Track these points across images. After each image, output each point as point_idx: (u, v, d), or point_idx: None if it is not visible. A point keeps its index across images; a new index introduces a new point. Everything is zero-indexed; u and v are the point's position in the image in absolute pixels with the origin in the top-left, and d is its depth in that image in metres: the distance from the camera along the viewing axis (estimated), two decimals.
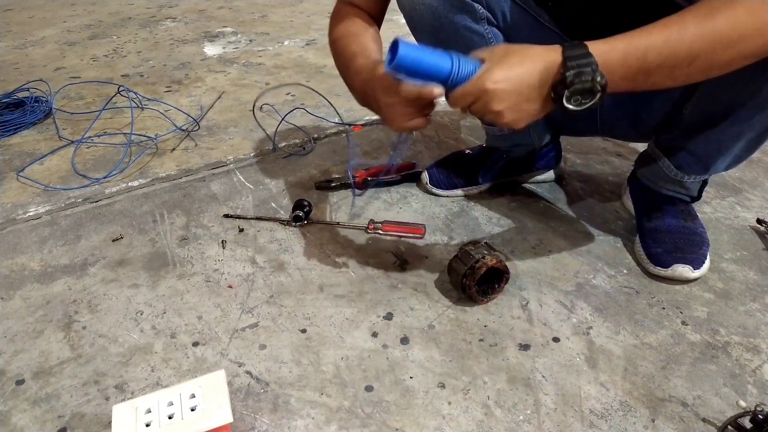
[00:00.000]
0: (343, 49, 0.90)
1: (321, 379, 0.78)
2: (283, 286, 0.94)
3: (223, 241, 1.05)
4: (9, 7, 2.77)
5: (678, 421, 0.72)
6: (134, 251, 1.03)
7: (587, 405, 0.74)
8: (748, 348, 0.82)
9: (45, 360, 0.81)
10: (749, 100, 0.80)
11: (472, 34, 0.92)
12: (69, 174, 1.27)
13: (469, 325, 0.86)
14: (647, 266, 0.96)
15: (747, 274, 0.96)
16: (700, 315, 0.88)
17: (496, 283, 0.89)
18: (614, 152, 1.34)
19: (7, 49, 2.14)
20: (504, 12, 0.93)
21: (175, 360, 0.81)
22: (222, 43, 2.16)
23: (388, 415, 0.73)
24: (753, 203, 1.15)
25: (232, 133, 1.44)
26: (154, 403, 0.64)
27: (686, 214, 1.00)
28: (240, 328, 0.86)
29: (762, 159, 1.30)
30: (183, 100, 1.64)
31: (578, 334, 0.85)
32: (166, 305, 0.91)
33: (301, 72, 1.85)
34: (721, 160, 0.91)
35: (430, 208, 1.14)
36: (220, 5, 2.73)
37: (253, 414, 0.73)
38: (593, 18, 0.91)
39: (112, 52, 2.08)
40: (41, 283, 0.96)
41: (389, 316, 0.88)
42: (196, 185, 1.23)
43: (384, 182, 1.20)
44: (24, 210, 1.15)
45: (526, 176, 1.21)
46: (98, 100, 1.64)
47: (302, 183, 1.23)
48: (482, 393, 0.76)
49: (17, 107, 1.55)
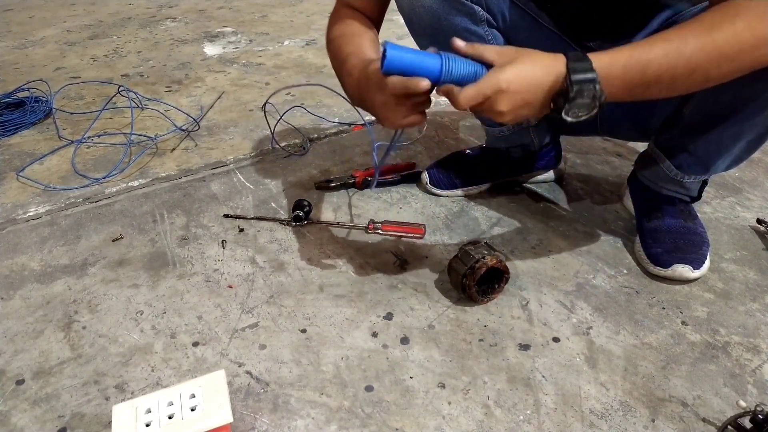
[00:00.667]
0: (338, 50, 0.89)
1: (321, 379, 0.78)
2: (283, 286, 0.94)
3: (223, 241, 1.05)
4: (9, 7, 2.77)
5: (678, 421, 0.72)
6: (134, 251, 1.03)
7: (587, 405, 0.74)
8: (748, 348, 0.82)
9: (45, 360, 0.81)
10: (749, 100, 0.80)
11: (472, 35, 0.92)
12: (69, 174, 1.27)
13: (469, 325, 0.86)
14: (647, 266, 0.96)
15: (747, 274, 0.96)
16: (700, 315, 0.88)
17: (496, 283, 0.89)
18: (614, 152, 1.34)
19: (7, 49, 2.14)
20: (504, 13, 0.93)
21: (175, 360, 0.81)
22: (222, 43, 2.16)
23: (388, 415, 0.73)
24: (753, 203, 1.15)
25: (232, 133, 1.44)
26: (154, 403, 0.64)
27: (686, 214, 1.00)
28: (240, 328, 0.86)
29: (762, 159, 1.30)
30: (183, 100, 1.64)
31: (578, 334, 0.85)
32: (166, 305, 0.91)
33: (301, 72, 1.85)
34: (721, 160, 0.91)
35: (430, 208, 1.14)
36: (220, 5, 2.73)
37: (253, 414, 0.73)
38: (592, 19, 0.91)
39: (112, 52, 2.08)
40: (41, 283, 0.96)
41: (389, 316, 0.88)
42: (196, 185, 1.23)
43: (384, 182, 1.20)
44: (24, 210, 1.15)
45: (526, 176, 1.21)
46: (98, 100, 1.64)
47: (302, 183, 1.23)
48: (482, 393, 0.76)
49: (17, 107, 1.55)
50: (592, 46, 0.95)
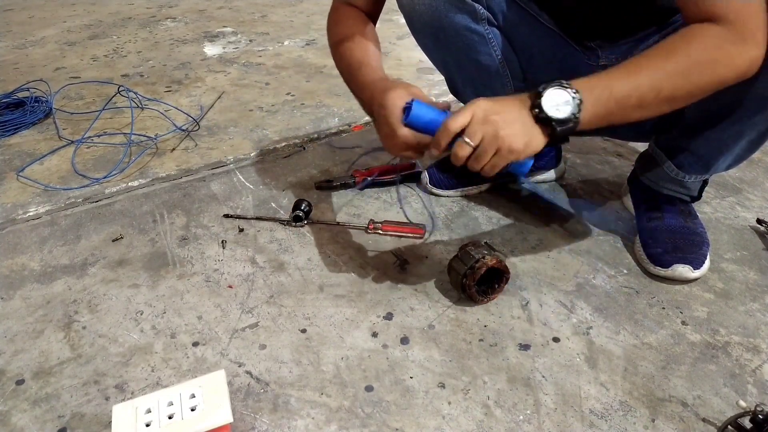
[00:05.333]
0: (346, 54, 0.91)
1: (321, 379, 0.78)
2: (283, 286, 0.94)
3: (223, 241, 1.05)
4: (9, 7, 2.77)
5: (678, 421, 0.72)
6: (134, 251, 1.03)
7: (587, 405, 0.74)
8: (748, 348, 0.82)
9: (45, 360, 0.81)
10: (750, 99, 0.80)
11: (472, 34, 0.92)
12: (69, 174, 1.27)
13: (469, 325, 0.86)
14: (647, 266, 0.96)
15: (747, 274, 0.96)
16: (700, 315, 0.88)
17: (496, 283, 0.89)
18: (614, 152, 1.34)
19: (7, 49, 2.14)
20: (504, 12, 0.93)
21: (175, 360, 0.81)
22: (222, 43, 2.16)
23: (388, 415, 0.73)
24: (753, 203, 1.15)
25: (232, 133, 1.44)
26: (154, 403, 0.64)
27: (686, 213, 1.00)
28: (240, 328, 0.86)
29: (762, 159, 1.30)
30: (183, 100, 1.64)
31: (578, 334, 0.85)
32: (166, 305, 0.91)
33: (301, 72, 1.85)
34: (722, 159, 0.91)
35: (430, 208, 1.14)
36: (220, 5, 2.73)
37: (253, 414, 0.73)
38: (593, 20, 0.91)
39: (112, 52, 2.08)
40: (41, 283, 0.96)
41: (389, 316, 0.88)
42: (196, 185, 1.23)
43: (384, 182, 1.20)
44: (24, 210, 1.15)
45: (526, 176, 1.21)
46: (98, 100, 1.64)
47: (302, 183, 1.23)
48: (482, 393, 0.76)
49: (17, 107, 1.55)
50: (592, 46, 0.95)
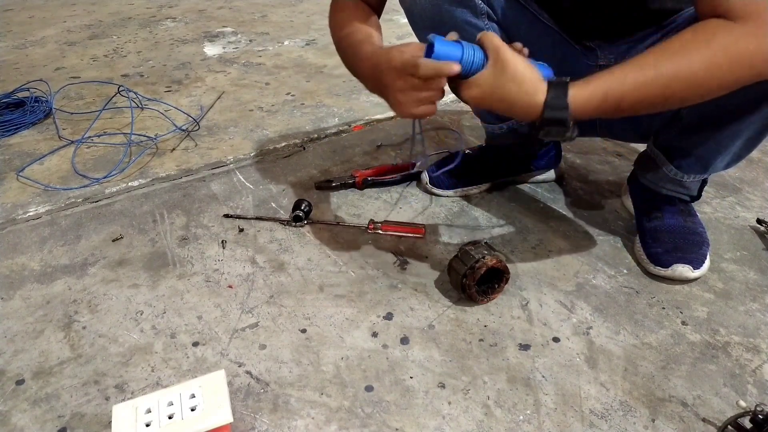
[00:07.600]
0: (348, 38, 0.90)
1: (321, 379, 0.78)
2: (283, 286, 0.94)
3: (223, 241, 1.05)
4: (9, 7, 2.77)
5: (678, 421, 0.72)
6: (134, 251, 1.03)
7: (587, 405, 0.74)
8: (748, 348, 0.82)
9: (45, 360, 0.81)
10: (747, 98, 0.79)
11: (472, 28, 0.92)
12: (69, 174, 1.27)
13: (469, 325, 0.86)
14: (647, 266, 0.96)
15: (747, 274, 0.96)
16: (700, 315, 0.88)
17: (496, 283, 0.89)
18: (614, 152, 1.34)
19: (7, 49, 2.14)
20: (504, 8, 0.94)
21: (175, 360, 0.81)
22: (222, 43, 2.16)
23: (388, 415, 0.73)
24: (753, 203, 1.15)
25: (232, 133, 1.44)
26: (154, 403, 0.64)
27: (686, 213, 1.00)
28: (240, 328, 0.86)
29: (762, 159, 1.30)
30: (183, 100, 1.64)
31: (578, 334, 0.85)
32: (166, 305, 0.91)
33: (301, 72, 1.85)
34: (720, 158, 0.91)
35: (430, 208, 1.14)
36: (220, 5, 2.73)
37: (253, 414, 0.73)
38: (592, 20, 0.91)
39: (112, 52, 2.08)
40: (41, 283, 0.96)
41: (389, 316, 0.88)
42: (196, 185, 1.23)
43: (384, 182, 1.20)
44: (24, 210, 1.15)
45: (526, 176, 1.21)
46: (98, 100, 1.64)
47: (302, 183, 1.23)
48: (482, 393, 0.76)
49: (17, 107, 1.55)
50: (591, 46, 0.95)
